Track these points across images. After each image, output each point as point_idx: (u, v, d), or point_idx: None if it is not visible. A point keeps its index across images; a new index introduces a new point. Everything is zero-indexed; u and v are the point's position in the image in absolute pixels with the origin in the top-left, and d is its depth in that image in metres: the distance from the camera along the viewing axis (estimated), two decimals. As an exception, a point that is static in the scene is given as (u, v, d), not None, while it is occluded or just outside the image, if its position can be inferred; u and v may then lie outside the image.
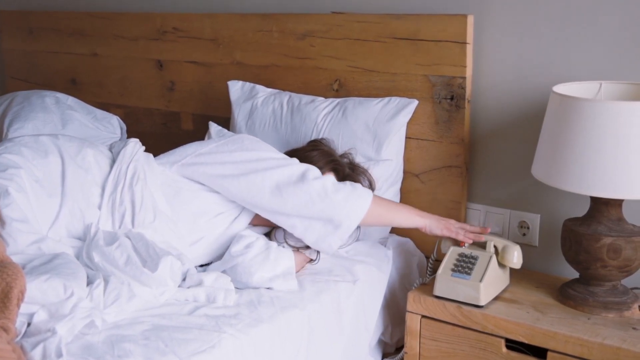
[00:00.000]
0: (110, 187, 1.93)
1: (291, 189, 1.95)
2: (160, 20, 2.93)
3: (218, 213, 2.02)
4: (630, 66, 2.00)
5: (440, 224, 2.03)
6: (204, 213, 2.01)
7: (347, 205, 1.95)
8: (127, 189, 1.92)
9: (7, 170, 1.85)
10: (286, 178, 1.96)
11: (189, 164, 2.03)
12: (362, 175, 2.16)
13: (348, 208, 1.95)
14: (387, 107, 2.28)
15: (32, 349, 1.46)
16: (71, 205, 1.88)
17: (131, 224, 1.91)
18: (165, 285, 1.76)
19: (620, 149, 1.69)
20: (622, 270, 1.83)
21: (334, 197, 1.94)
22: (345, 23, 2.41)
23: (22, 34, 3.49)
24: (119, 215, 1.92)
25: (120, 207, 1.91)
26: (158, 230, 1.91)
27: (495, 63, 2.21)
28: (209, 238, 2.01)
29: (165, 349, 1.55)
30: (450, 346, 1.93)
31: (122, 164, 1.96)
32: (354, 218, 1.95)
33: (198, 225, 1.99)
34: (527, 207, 2.22)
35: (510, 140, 2.22)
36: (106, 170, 1.97)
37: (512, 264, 1.95)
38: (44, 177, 1.89)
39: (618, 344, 1.69)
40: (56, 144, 1.97)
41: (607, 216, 1.85)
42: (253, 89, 2.57)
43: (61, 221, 1.88)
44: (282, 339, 1.75)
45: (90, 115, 2.91)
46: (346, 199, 1.95)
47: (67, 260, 1.72)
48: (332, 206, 1.94)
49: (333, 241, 1.98)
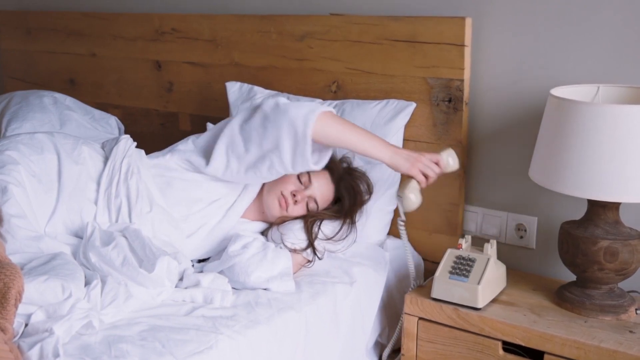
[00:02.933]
0: (105, 182, 1.96)
1: (251, 118, 1.95)
2: (158, 20, 2.93)
3: (212, 201, 2.04)
4: (628, 69, 2.00)
5: (408, 162, 1.91)
6: (198, 200, 2.02)
7: (300, 110, 1.87)
8: (122, 183, 1.95)
9: (5, 166, 1.88)
10: (247, 112, 1.99)
11: (181, 147, 2.11)
12: (359, 179, 2.16)
13: (302, 113, 1.87)
14: (385, 109, 2.28)
15: (29, 349, 1.47)
16: (67, 200, 1.91)
17: (128, 217, 1.93)
18: (162, 285, 1.77)
19: (618, 152, 1.69)
20: (619, 273, 1.84)
21: (285, 107, 1.90)
22: (344, 25, 2.41)
23: (20, 34, 3.48)
24: (115, 209, 1.94)
25: (116, 200, 1.94)
26: (155, 222, 1.93)
27: (493, 66, 2.21)
28: (205, 229, 2.03)
29: (162, 349, 1.55)
30: (447, 348, 1.93)
31: (115, 159, 2.00)
32: (308, 121, 1.86)
33: (193, 214, 2.02)
34: (525, 209, 2.22)
35: (507, 143, 2.22)
36: (100, 167, 2.00)
37: (450, 168, 1.93)
38: (41, 172, 1.93)
39: (614, 347, 1.69)
40: (52, 141, 2.01)
41: (604, 219, 1.85)
42: (251, 90, 2.57)
43: (58, 216, 1.90)
44: (279, 341, 1.75)
45: (89, 115, 2.91)
46: (297, 105, 1.90)
47: (66, 261, 1.73)
48: (286, 114, 1.87)
49: (305, 151, 1.88)
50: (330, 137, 1.90)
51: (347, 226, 2.10)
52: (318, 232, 2.04)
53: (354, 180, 2.14)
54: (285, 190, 2.08)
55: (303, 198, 2.09)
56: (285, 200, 2.07)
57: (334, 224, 2.09)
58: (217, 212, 2.05)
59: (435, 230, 2.31)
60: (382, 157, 1.92)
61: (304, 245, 2.02)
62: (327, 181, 2.13)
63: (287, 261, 1.94)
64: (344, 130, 1.91)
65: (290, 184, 2.09)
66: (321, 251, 2.04)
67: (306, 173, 2.10)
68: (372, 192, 2.16)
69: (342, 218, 2.11)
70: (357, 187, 2.14)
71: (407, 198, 1.93)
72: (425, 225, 2.32)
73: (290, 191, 2.08)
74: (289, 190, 2.08)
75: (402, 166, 1.92)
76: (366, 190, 2.14)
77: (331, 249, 2.07)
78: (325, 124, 1.88)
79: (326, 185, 2.13)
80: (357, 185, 2.13)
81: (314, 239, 2.03)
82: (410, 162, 1.92)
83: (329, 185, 2.13)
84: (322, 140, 1.90)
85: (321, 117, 1.87)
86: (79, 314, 1.58)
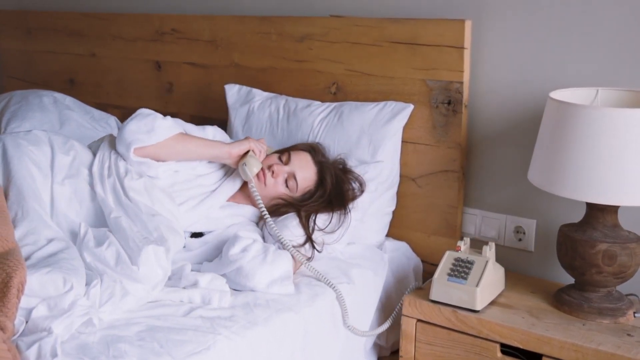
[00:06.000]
0: (97, 166, 2.05)
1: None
2: (158, 21, 2.94)
3: (197, 175, 2.14)
4: (627, 73, 2.00)
5: (243, 144, 2.10)
6: (181, 172, 2.12)
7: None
8: (113, 166, 2.04)
9: (12, 154, 2.02)
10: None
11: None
12: (350, 175, 2.16)
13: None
14: (383, 111, 2.29)
15: (27, 349, 1.47)
16: (61, 182, 2.00)
17: (122, 191, 1.98)
18: (156, 276, 1.78)
19: (616, 156, 1.70)
20: (617, 276, 1.84)
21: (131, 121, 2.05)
22: (344, 27, 2.41)
23: (20, 34, 3.48)
24: (109, 187, 2.01)
25: (109, 179, 2.02)
26: (148, 188, 2.00)
27: (492, 68, 2.21)
28: (196, 198, 2.09)
29: (160, 350, 1.55)
30: (446, 350, 1.93)
31: (104, 150, 2.09)
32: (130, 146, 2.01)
33: (179, 184, 2.10)
34: (523, 212, 2.22)
35: (506, 146, 2.22)
36: (91, 157, 2.11)
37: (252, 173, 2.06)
38: (39, 161, 2.04)
39: (612, 350, 1.69)
40: (47, 136, 2.15)
41: (602, 222, 1.85)
42: (250, 92, 2.57)
43: (58, 201, 1.98)
44: (277, 342, 1.75)
45: (88, 115, 2.91)
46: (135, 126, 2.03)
47: (72, 257, 1.76)
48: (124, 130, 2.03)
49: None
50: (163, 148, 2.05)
51: (339, 215, 2.10)
52: (315, 225, 2.05)
53: (346, 175, 2.15)
54: (264, 165, 2.13)
55: (281, 172, 2.12)
56: (263, 173, 2.11)
57: (327, 216, 2.09)
58: (204, 184, 2.13)
59: (434, 232, 2.31)
60: (219, 153, 2.10)
61: (302, 241, 2.02)
62: (307, 161, 2.16)
63: (288, 264, 1.94)
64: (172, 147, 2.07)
65: (270, 161, 2.15)
66: (320, 243, 2.05)
67: (287, 152, 2.17)
68: (364, 190, 2.15)
69: (330, 204, 2.11)
70: (338, 170, 2.16)
71: (249, 163, 2.06)
72: (424, 228, 2.33)
73: (268, 165, 2.13)
74: (267, 164, 2.13)
75: (242, 144, 2.10)
76: (358, 188, 2.15)
77: (328, 241, 2.07)
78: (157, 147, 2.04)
79: (306, 164, 2.15)
80: (348, 184, 2.14)
81: (312, 232, 2.04)
82: (245, 141, 2.12)
83: (309, 164, 2.16)
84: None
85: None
86: (79, 311, 1.59)
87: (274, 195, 2.12)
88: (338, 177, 2.15)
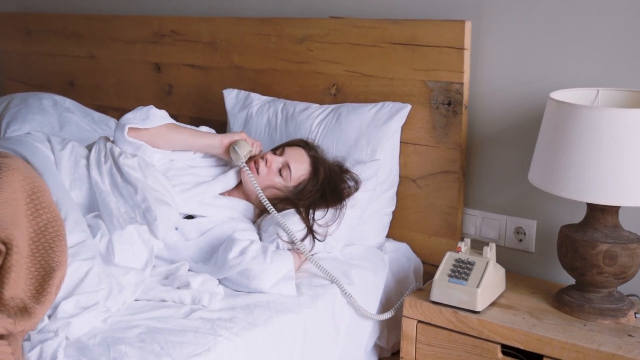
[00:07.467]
0: (94, 155, 2.13)
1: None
2: (158, 23, 2.94)
3: (189, 165, 2.21)
4: (628, 73, 2.00)
5: (235, 134, 2.18)
6: (178, 158, 2.19)
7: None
8: (109, 153, 2.12)
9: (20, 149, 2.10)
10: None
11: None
12: (347, 174, 2.16)
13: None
14: (381, 112, 2.29)
15: (29, 351, 1.47)
16: (63, 179, 2.07)
17: (116, 168, 2.06)
18: (142, 255, 1.88)
19: (617, 156, 1.69)
20: (618, 277, 1.84)
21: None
22: (343, 28, 2.41)
23: (20, 36, 3.49)
24: (106, 170, 2.09)
25: (105, 164, 2.09)
26: (141, 163, 2.07)
27: (492, 69, 2.21)
28: (190, 183, 2.13)
29: (160, 351, 1.55)
30: (446, 351, 1.93)
31: (100, 143, 2.18)
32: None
33: (172, 169, 2.15)
34: (524, 213, 2.22)
35: (507, 146, 2.22)
36: (87, 152, 2.19)
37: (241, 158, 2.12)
38: (42, 156, 2.09)
39: (613, 350, 1.69)
40: (45, 135, 2.23)
41: (603, 223, 1.85)
42: (248, 97, 2.57)
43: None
44: (277, 343, 1.75)
45: (88, 117, 2.92)
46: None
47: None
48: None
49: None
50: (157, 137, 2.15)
51: (335, 210, 2.10)
52: (314, 217, 2.06)
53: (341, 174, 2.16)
54: (258, 157, 2.17)
55: (275, 161, 2.14)
56: (256, 163, 2.14)
57: (323, 212, 2.09)
58: (199, 174, 2.18)
59: (434, 233, 2.31)
60: (210, 141, 2.18)
61: (302, 235, 2.02)
62: (301, 154, 2.17)
63: (290, 264, 1.94)
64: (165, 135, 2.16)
65: (264, 153, 2.18)
66: (321, 234, 2.05)
67: (281, 147, 2.21)
68: (359, 187, 2.15)
69: (325, 198, 2.10)
70: (332, 165, 2.17)
71: (240, 144, 2.13)
72: (425, 228, 2.32)
73: (261, 156, 2.17)
74: (261, 156, 2.17)
75: (234, 135, 2.18)
76: (354, 185, 2.15)
77: (328, 232, 2.07)
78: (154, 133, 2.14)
79: (300, 156, 2.16)
80: (344, 182, 2.14)
81: (312, 224, 2.04)
82: (237, 133, 2.20)
83: (303, 156, 2.17)
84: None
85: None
86: (101, 313, 1.64)
87: (268, 184, 2.13)
88: (332, 170, 2.16)
